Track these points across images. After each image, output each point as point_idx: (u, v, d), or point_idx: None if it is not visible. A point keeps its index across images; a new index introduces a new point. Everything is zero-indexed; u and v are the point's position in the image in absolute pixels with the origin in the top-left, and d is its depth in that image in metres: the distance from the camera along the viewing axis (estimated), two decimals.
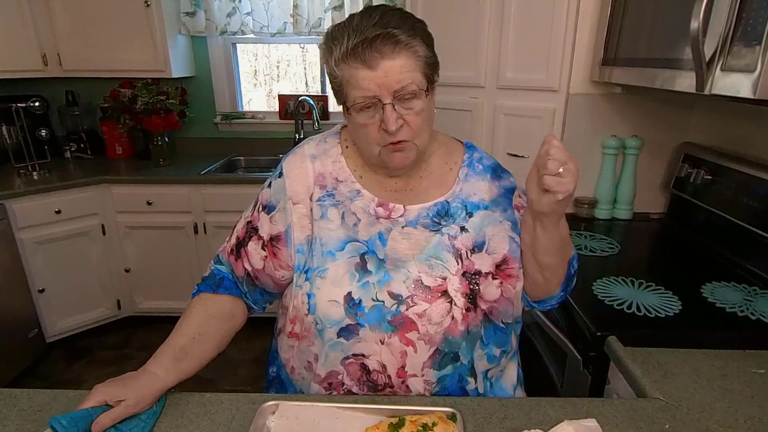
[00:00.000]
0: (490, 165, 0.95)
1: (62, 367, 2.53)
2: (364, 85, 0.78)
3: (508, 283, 0.89)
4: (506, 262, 0.90)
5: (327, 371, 0.88)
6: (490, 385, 0.93)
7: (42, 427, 0.77)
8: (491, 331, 0.90)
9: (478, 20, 1.94)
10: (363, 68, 0.77)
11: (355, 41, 0.76)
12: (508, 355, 0.94)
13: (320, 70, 3.17)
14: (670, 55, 1.23)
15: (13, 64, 2.53)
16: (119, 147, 2.98)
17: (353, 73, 0.78)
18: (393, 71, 0.77)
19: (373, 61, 0.76)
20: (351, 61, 0.78)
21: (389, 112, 0.78)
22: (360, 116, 0.81)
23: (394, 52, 0.77)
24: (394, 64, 0.77)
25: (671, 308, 1.18)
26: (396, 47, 0.77)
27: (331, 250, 0.88)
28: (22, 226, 2.34)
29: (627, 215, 1.87)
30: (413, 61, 0.79)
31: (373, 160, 0.87)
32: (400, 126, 0.80)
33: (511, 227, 0.91)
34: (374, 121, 0.81)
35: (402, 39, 0.77)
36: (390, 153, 0.83)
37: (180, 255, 2.68)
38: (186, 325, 0.89)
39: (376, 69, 0.77)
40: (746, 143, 1.54)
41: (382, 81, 0.77)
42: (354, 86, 0.79)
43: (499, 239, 0.90)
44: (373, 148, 0.84)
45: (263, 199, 0.95)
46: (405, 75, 0.78)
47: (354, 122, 0.84)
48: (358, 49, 0.76)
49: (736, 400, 0.87)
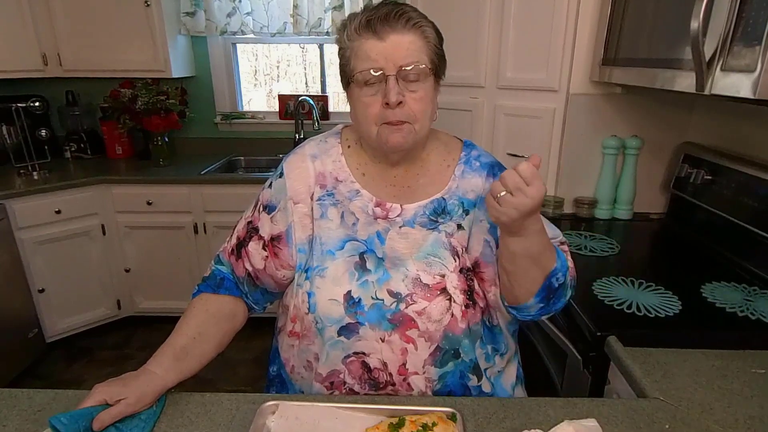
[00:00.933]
0: (487, 162, 0.94)
1: (62, 367, 2.53)
2: (372, 55, 0.79)
3: (482, 287, 0.89)
4: (478, 265, 0.90)
5: (328, 370, 0.88)
6: (492, 385, 0.93)
7: (42, 427, 0.77)
8: (486, 330, 0.90)
9: (478, 20, 1.94)
10: (372, 38, 0.79)
11: (369, 14, 0.79)
12: (503, 356, 0.94)
13: (320, 70, 3.17)
14: (670, 55, 1.23)
15: (13, 64, 2.53)
16: (119, 147, 2.98)
17: (362, 44, 0.80)
18: (401, 45, 0.79)
19: (383, 32, 0.78)
20: (362, 31, 0.80)
21: (392, 84, 0.79)
22: (363, 91, 0.81)
23: (404, 28, 0.79)
24: (403, 39, 0.79)
25: (671, 308, 1.18)
26: (407, 23, 0.79)
27: (330, 249, 0.88)
28: (22, 226, 2.34)
29: (627, 215, 1.87)
30: (422, 42, 0.81)
31: (371, 141, 0.86)
32: (399, 102, 0.80)
33: (488, 229, 0.89)
34: (376, 98, 0.81)
35: (413, 17, 0.80)
36: (388, 132, 0.82)
37: (180, 255, 2.68)
38: (186, 325, 0.89)
39: (385, 40, 0.79)
40: (746, 143, 1.54)
41: (390, 53, 0.78)
42: (361, 58, 0.80)
43: (475, 241, 0.90)
44: (371, 127, 0.83)
45: (264, 199, 0.95)
46: (412, 52, 0.79)
47: (355, 98, 0.83)
48: (372, 21, 0.79)
49: (736, 400, 0.87)
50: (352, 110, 0.87)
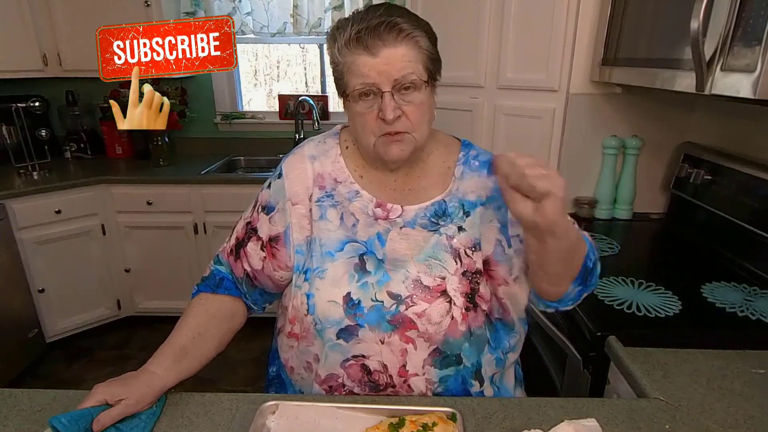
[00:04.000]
0: (486, 160, 0.93)
1: (62, 367, 2.53)
2: (365, 71, 0.78)
3: (491, 284, 0.88)
4: (488, 263, 0.89)
5: (327, 373, 0.88)
6: (497, 389, 0.93)
7: (42, 427, 0.76)
8: (496, 334, 0.90)
9: (478, 20, 1.94)
10: (364, 54, 0.77)
11: (358, 27, 0.77)
12: (508, 355, 0.94)
13: (320, 70, 3.17)
14: (670, 55, 1.23)
15: (13, 64, 2.53)
16: (119, 147, 2.98)
17: (354, 60, 0.79)
18: (394, 59, 0.77)
19: (375, 48, 0.77)
20: (353, 46, 0.78)
21: (387, 101, 0.78)
22: (359, 105, 0.81)
23: (396, 41, 0.77)
24: (396, 53, 0.77)
25: (671, 308, 1.18)
26: (399, 36, 0.77)
27: (330, 251, 0.88)
28: (22, 226, 2.33)
29: (627, 215, 1.86)
30: (415, 52, 0.79)
31: (370, 151, 0.85)
32: (397, 116, 0.79)
33: (500, 229, 0.88)
34: (372, 111, 0.80)
35: (405, 28, 0.78)
36: (386, 144, 0.82)
37: (180, 255, 2.68)
38: (186, 325, 0.89)
39: (377, 56, 0.77)
40: (746, 143, 1.54)
41: (383, 68, 0.77)
42: (354, 73, 0.79)
43: (486, 240, 0.88)
44: (370, 138, 0.83)
45: (262, 199, 0.95)
46: (406, 64, 0.78)
47: (352, 111, 0.83)
48: (362, 35, 0.77)
49: (736, 400, 0.87)
50: (350, 121, 0.87)
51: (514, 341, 0.93)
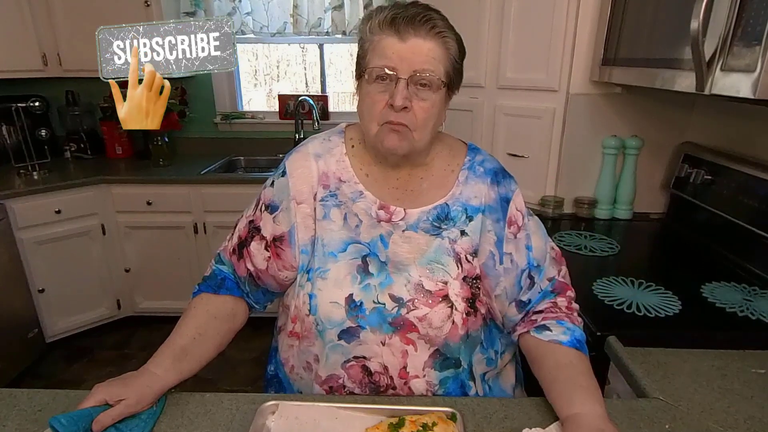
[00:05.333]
0: (491, 168, 0.92)
1: (62, 367, 2.53)
2: (389, 53, 0.79)
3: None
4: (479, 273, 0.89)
5: (328, 374, 0.88)
6: (489, 388, 0.93)
7: (42, 427, 0.76)
8: (489, 334, 0.90)
9: (478, 20, 1.94)
10: (394, 37, 0.79)
11: (395, 12, 0.79)
12: (502, 355, 0.94)
13: (320, 70, 3.17)
14: (670, 55, 1.23)
15: (13, 64, 2.53)
16: (119, 147, 2.98)
17: (382, 40, 0.80)
18: (420, 51, 0.78)
19: (405, 34, 0.78)
20: (385, 27, 0.79)
21: (401, 87, 0.78)
22: (373, 87, 0.81)
23: (427, 34, 0.79)
24: (424, 45, 0.79)
25: (671, 308, 1.18)
26: (431, 30, 0.79)
27: (332, 251, 0.88)
28: (22, 226, 2.34)
29: (627, 215, 1.87)
30: (442, 51, 0.80)
31: (370, 138, 0.85)
32: (404, 107, 0.79)
33: (495, 242, 0.88)
34: (383, 96, 0.80)
35: (439, 25, 0.79)
36: (386, 132, 0.82)
37: (180, 255, 2.68)
38: (186, 326, 0.89)
39: (405, 42, 0.78)
40: (746, 143, 1.54)
41: (407, 55, 0.78)
42: (378, 53, 0.80)
43: (481, 249, 0.88)
44: (373, 124, 0.83)
45: (266, 198, 0.94)
46: (430, 59, 0.79)
47: (364, 91, 0.83)
48: (397, 19, 0.78)
49: (736, 400, 0.87)
50: (359, 103, 0.87)
51: (507, 341, 0.94)
